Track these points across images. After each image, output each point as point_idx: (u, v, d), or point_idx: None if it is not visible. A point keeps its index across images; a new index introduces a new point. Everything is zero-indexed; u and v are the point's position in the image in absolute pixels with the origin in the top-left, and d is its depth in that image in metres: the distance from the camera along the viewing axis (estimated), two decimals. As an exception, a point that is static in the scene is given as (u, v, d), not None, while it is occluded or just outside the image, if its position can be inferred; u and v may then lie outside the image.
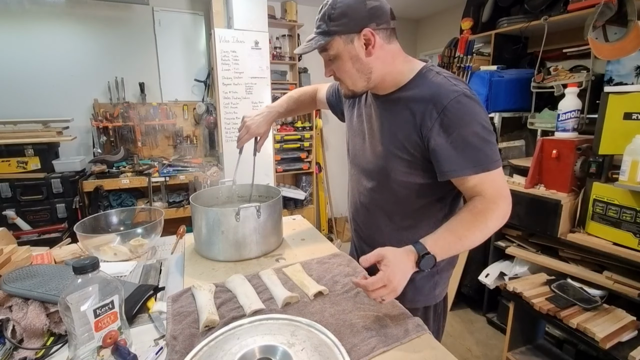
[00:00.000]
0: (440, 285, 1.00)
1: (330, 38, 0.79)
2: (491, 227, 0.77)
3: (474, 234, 0.76)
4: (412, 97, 0.83)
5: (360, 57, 0.81)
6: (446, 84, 0.79)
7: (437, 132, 0.78)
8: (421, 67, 0.86)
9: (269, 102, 2.73)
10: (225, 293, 0.84)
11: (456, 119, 0.76)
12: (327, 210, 3.76)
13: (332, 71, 0.87)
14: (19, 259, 0.92)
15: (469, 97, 0.77)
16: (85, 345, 0.60)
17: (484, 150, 0.77)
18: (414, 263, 0.73)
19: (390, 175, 0.90)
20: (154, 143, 2.97)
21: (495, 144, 0.79)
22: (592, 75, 1.96)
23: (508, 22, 2.32)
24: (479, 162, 0.77)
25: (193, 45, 3.06)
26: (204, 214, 1.03)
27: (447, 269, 1.02)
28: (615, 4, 1.68)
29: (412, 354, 0.65)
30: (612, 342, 1.36)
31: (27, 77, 2.60)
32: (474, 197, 0.80)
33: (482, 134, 0.76)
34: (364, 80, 0.85)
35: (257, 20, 2.57)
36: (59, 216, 2.34)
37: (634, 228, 1.50)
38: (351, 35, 0.79)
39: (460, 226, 0.76)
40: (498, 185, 0.79)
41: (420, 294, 0.97)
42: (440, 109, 0.77)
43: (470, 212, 0.78)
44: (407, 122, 0.83)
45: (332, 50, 0.82)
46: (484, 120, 0.78)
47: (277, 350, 0.62)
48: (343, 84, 0.88)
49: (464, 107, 0.76)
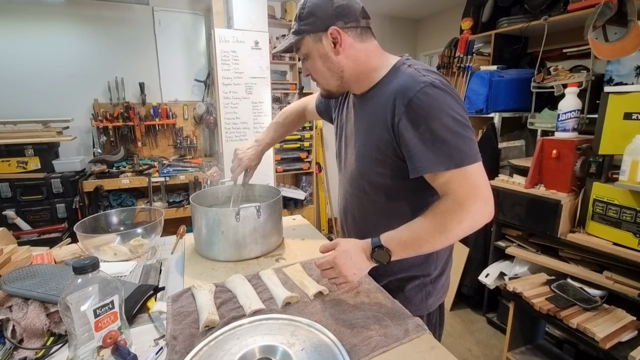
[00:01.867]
0: (433, 295, 0.95)
1: (300, 37, 0.81)
2: (454, 231, 0.71)
3: (432, 236, 0.72)
4: (382, 93, 0.81)
5: (329, 55, 0.81)
6: (415, 75, 0.75)
7: (405, 126, 0.74)
8: (395, 61, 0.83)
9: (269, 102, 2.73)
10: (225, 293, 0.84)
11: (423, 112, 0.71)
12: (327, 210, 3.76)
13: (308, 70, 0.88)
14: (19, 259, 0.92)
15: (437, 87, 0.72)
16: (85, 345, 0.60)
17: (456, 144, 0.70)
18: (369, 254, 0.76)
19: (365, 178, 0.87)
20: (154, 143, 2.97)
21: (470, 138, 0.73)
22: (592, 75, 1.96)
23: (508, 22, 2.32)
24: (449, 158, 0.70)
25: (193, 45, 3.06)
26: (204, 214, 1.03)
27: (440, 278, 0.96)
28: (615, 4, 1.68)
29: (412, 354, 0.65)
30: (612, 342, 1.36)
31: (27, 77, 2.60)
32: (444, 196, 0.74)
33: (453, 126, 0.70)
34: (336, 79, 0.84)
35: (257, 20, 2.57)
36: (59, 216, 2.34)
37: (634, 228, 1.50)
38: (319, 34, 0.79)
39: (419, 227, 0.74)
40: (470, 184, 0.71)
41: (410, 304, 0.89)
42: (407, 102, 0.73)
43: (433, 212, 0.74)
44: (378, 119, 0.81)
45: (303, 49, 0.83)
46: (455, 111, 0.71)
47: (277, 350, 0.62)
48: (318, 83, 0.89)
49: (431, 99, 0.71)
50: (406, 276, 0.93)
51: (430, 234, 0.73)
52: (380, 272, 0.90)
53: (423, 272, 0.92)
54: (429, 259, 0.92)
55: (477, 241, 2.30)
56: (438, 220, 0.72)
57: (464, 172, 0.71)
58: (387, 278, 0.93)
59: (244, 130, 2.67)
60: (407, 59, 0.83)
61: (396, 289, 0.92)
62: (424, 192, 0.82)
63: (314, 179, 3.53)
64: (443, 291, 0.99)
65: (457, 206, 0.71)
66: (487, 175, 0.75)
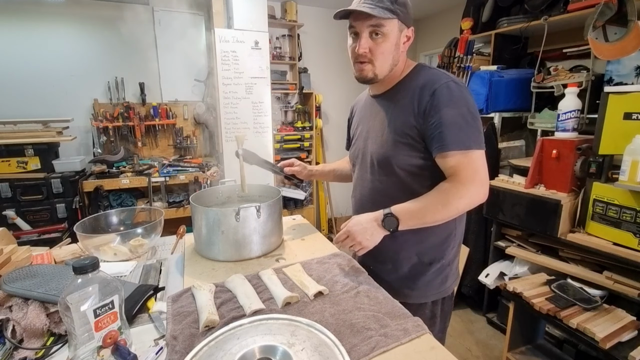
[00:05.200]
0: (450, 277, 1.03)
1: (394, 17, 0.85)
2: (454, 205, 0.85)
3: (436, 207, 0.86)
4: (409, 87, 0.93)
5: (399, 46, 0.91)
6: (438, 74, 0.90)
7: (429, 112, 0.86)
8: (415, 65, 0.97)
9: (268, 102, 2.72)
10: (225, 293, 0.84)
11: (444, 100, 0.85)
12: (327, 210, 3.76)
13: (368, 47, 0.89)
14: (19, 259, 0.92)
15: (457, 84, 0.87)
16: (85, 345, 0.60)
17: (467, 131, 0.84)
18: (380, 222, 0.88)
19: (393, 162, 0.94)
20: (154, 143, 2.97)
21: (479, 130, 0.86)
22: (592, 75, 1.95)
23: (508, 22, 2.32)
24: (460, 140, 0.83)
25: (193, 45, 3.06)
26: (204, 214, 1.03)
27: (453, 263, 1.04)
28: (615, 4, 1.68)
29: (412, 354, 0.65)
30: (612, 342, 1.36)
31: (27, 77, 2.60)
32: (449, 177, 0.87)
33: (467, 116, 0.84)
34: (390, 68, 0.92)
35: (257, 20, 2.57)
36: (59, 216, 2.34)
37: (634, 228, 1.50)
38: (403, 25, 0.89)
39: (425, 199, 0.87)
40: (474, 168, 0.84)
41: (431, 288, 1.00)
42: (432, 92, 0.86)
43: (437, 189, 0.87)
44: (405, 108, 0.91)
45: (386, 27, 0.86)
46: (471, 105, 0.86)
47: (277, 350, 0.62)
48: (370, 65, 0.91)
49: (452, 91, 0.85)
50: (427, 260, 0.99)
51: (434, 205, 0.86)
52: (402, 256, 0.99)
53: (441, 254, 0.99)
54: (446, 241, 0.99)
55: (477, 241, 2.30)
56: (442, 195, 0.86)
57: (469, 156, 0.84)
58: (410, 263, 1.00)
59: (244, 130, 2.67)
60: (424, 63, 0.98)
61: (418, 274, 1.00)
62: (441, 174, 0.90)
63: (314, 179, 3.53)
64: (455, 276, 1.06)
65: (460, 185, 0.84)
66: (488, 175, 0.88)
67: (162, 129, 2.94)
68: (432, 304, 1.02)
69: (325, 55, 3.63)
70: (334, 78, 3.72)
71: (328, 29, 3.58)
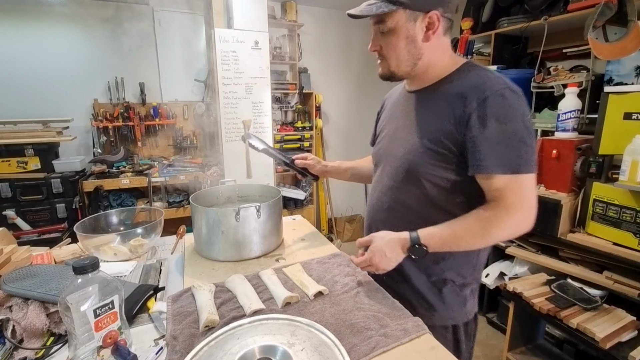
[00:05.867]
0: (470, 300, 0.91)
1: (395, 8, 0.74)
2: (495, 237, 0.74)
3: (473, 238, 0.76)
4: (451, 88, 0.79)
5: (416, 39, 0.77)
6: (490, 77, 0.75)
7: (474, 123, 0.73)
8: (463, 63, 0.82)
9: (269, 102, 2.72)
10: (225, 293, 0.84)
11: (496, 112, 0.72)
12: (327, 210, 3.76)
13: (379, 46, 0.82)
14: (19, 259, 0.92)
15: (514, 92, 0.73)
16: (85, 345, 0.60)
17: (519, 151, 0.71)
18: (406, 249, 0.79)
19: (419, 170, 0.83)
20: (154, 143, 2.97)
21: (533, 148, 0.73)
22: (592, 75, 1.95)
23: (508, 22, 2.32)
24: (509, 162, 0.71)
25: (193, 45, 3.05)
26: (204, 214, 1.03)
27: (474, 282, 0.92)
28: (615, 4, 1.68)
29: (412, 354, 0.65)
30: (612, 342, 1.36)
31: (27, 77, 2.60)
32: (491, 202, 0.75)
33: (521, 133, 0.71)
34: (409, 64, 0.81)
35: (257, 20, 2.57)
36: (59, 216, 2.34)
37: (634, 228, 1.50)
38: (416, 13, 0.75)
39: (462, 227, 0.76)
40: (522, 194, 0.73)
41: (450, 310, 0.89)
42: (481, 99, 0.73)
43: (477, 216, 0.76)
44: (442, 113, 0.79)
45: (390, 22, 0.76)
46: (526, 119, 0.73)
47: (277, 350, 0.62)
48: (385, 62, 0.82)
49: (507, 102, 0.72)
50: (443, 278, 0.88)
51: (471, 235, 0.75)
52: (414, 272, 0.89)
53: (461, 274, 0.88)
54: (469, 262, 0.88)
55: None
56: (482, 224, 0.74)
57: (519, 180, 0.72)
58: (422, 278, 0.89)
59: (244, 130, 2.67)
60: (474, 62, 0.84)
61: (431, 292, 0.89)
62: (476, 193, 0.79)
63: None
64: (476, 297, 0.95)
65: (505, 213, 0.72)
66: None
67: (162, 129, 2.94)
68: (454, 328, 0.91)
69: (325, 55, 3.62)
70: (334, 78, 3.71)
71: (328, 29, 3.58)
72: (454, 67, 0.81)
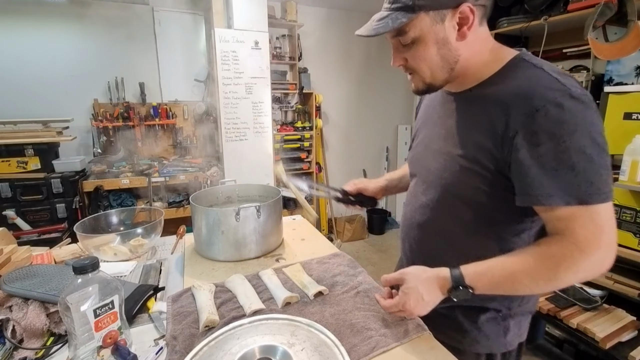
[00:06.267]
0: (512, 330, 0.77)
1: (415, 15, 0.60)
2: (563, 280, 0.59)
3: (535, 281, 0.60)
4: (493, 93, 0.64)
5: (449, 40, 0.63)
6: (545, 79, 0.59)
7: (522, 141, 0.58)
8: (513, 56, 0.66)
9: (268, 102, 2.72)
10: (225, 293, 0.84)
11: (553, 127, 0.56)
12: (327, 210, 3.76)
13: (404, 59, 0.67)
14: (19, 259, 0.92)
15: (576, 99, 0.56)
16: (85, 345, 0.60)
17: (588, 174, 0.55)
18: (446, 290, 0.65)
19: (454, 191, 0.71)
20: (154, 143, 2.97)
21: (607, 168, 0.57)
22: (592, 75, 1.95)
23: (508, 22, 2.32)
24: (574, 190, 0.56)
25: (193, 45, 3.05)
26: (204, 214, 1.03)
27: (524, 313, 0.80)
28: (615, 4, 1.68)
29: (412, 354, 0.65)
30: (612, 342, 1.36)
31: (27, 77, 2.60)
32: (556, 235, 0.60)
33: (589, 151, 0.55)
34: (446, 71, 0.66)
35: (257, 20, 2.57)
36: (59, 216, 2.34)
37: (634, 228, 1.50)
38: (443, 11, 0.61)
39: (519, 267, 0.61)
40: (596, 227, 0.57)
41: (484, 338, 0.76)
42: (531, 111, 0.57)
43: (539, 252, 0.60)
44: (482, 122, 0.65)
45: (412, 32, 0.62)
46: (596, 132, 0.56)
47: (277, 350, 0.62)
48: (417, 75, 0.68)
49: (567, 114, 0.55)
50: (481, 307, 0.75)
51: (532, 278, 0.60)
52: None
53: (503, 305, 0.75)
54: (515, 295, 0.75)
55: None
56: (547, 264, 0.59)
57: (591, 211, 0.56)
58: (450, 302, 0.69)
59: (244, 130, 2.67)
60: (527, 55, 0.65)
61: (464, 318, 0.77)
62: (524, 217, 0.67)
63: (314, 179, 3.53)
64: (524, 328, 0.81)
65: (577, 252, 0.57)
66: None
67: (162, 129, 2.94)
68: (488, 357, 0.79)
69: (325, 55, 3.62)
70: (334, 78, 3.71)
71: (328, 29, 3.58)
72: (499, 63, 0.66)
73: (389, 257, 3.37)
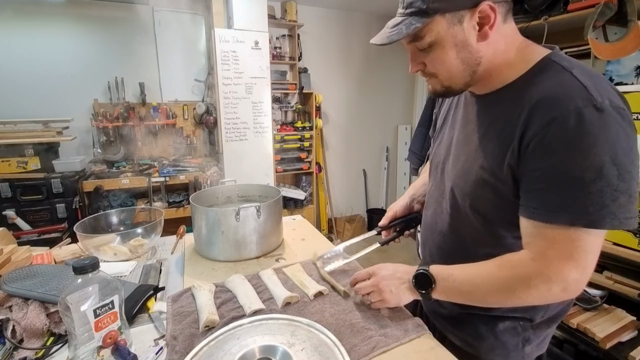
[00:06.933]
0: (533, 342, 0.73)
1: (430, 19, 0.57)
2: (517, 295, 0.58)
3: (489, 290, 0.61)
4: (516, 99, 0.60)
5: (469, 42, 0.59)
6: (571, 85, 0.54)
7: (534, 151, 0.55)
8: (542, 57, 0.60)
9: (268, 102, 2.72)
10: (225, 293, 0.84)
11: (568, 139, 0.52)
12: (327, 210, 3.76)
13: (422, 65, 0.64)
14: (19, 259, 0.92)
15: (603, 112, 0.50)
16: (85, 345, 0.61)
17: (602, 198, 0.50)
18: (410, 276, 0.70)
19: (470, 202, 0.68)
20: (154, 143, 2.97)
21: (630, 195, 0.51)
22: (592, 75, 1.95)
23: (508, 22, 2.32)
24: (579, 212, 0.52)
25: (193, 45, 3.06)
26: (204, 214, 1.03)
27: (547, 325, 0.73)
28: (615, 4, 1.68)
29: (412, 354, 0.65)
30: (612, 342, 1.36)
31: (27, 77, 2.60)
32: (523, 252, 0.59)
33: (608, 172, 0.50)
34: (467, 74, 0.62)
35: (257, 20, 2.57)
36: (59, 216, 2.34)
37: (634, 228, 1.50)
38: (460, 12, 0.57)
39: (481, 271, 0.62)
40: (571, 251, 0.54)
41: (501, 347, 0.73)
42: (549, 120, 0.53)
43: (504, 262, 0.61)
44: (502, 131, 0.61)
45: (429, 36, 0.59)
46: (621, 149, 0.50)
47: (277, 350, 0.62)
48: (435, 79, 0.65)
49: (586, 126, 0.50)
50: (500, 315, 0.72)
51: (488, 287, 0.60)
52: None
53: (524, 315, 0.71)
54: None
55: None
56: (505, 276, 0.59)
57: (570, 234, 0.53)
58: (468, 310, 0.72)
59: (244, 130, 2.67)
60: (559, 56, 0.59)
61: (482, 325, 0.73)
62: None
63: (314, 179, 3.53)
64: (545, 341, 0.76)
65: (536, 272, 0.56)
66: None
67: (162, 129, 2.94)
68: None
69: (325, 55, 3.62)
70: (334, 78, 3.71)
71: (328, 29, 3.58)
72: (526, 65, 0.61)
73: (389, 257, 3.37)
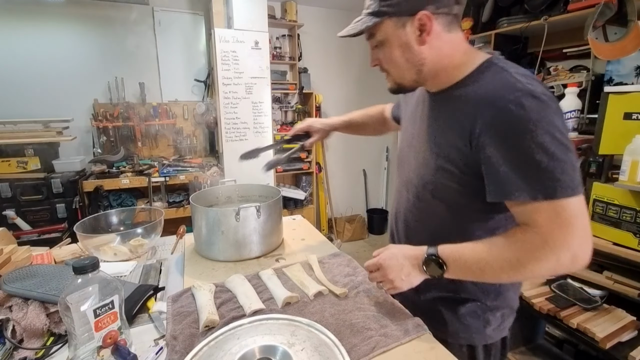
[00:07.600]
0: (492, 323, 0.80)
1: (379, 20, 0.68)
2: (528, 269, 0.61)
3: (501, 267, 0.63)
4: (464, 95, 0.69)
5: (411, 45, 0.69)
6: (509, 80, 0.63)
7: (489, 141, 0.63)
8: (483, 60, 0.70)
9: (269, 102, 2.72)
10: (225, 293, 0.84)
11: (514, 126, 0.60)
12: (327, 210, 3.76)
13: (378, 60, 0.76)
14: (19, 259, 0.92)
15: (536, 98, 0.59)
16: (85, 345, 0.61)
17: (550, 170, 0.58)
18: (420, 262, 0.70)
19: (432, 190, 0.76)
20: (154, 143, 2.97)
21: (571, 163, 0.59)
22: (592, 75, 1.95)
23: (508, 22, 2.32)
24: (538, 185, 0.59)
25: (193, 45, 3.06)
26: (204, 214, 1.03)
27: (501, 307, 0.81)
28: (615, 4, 1.68)
29: (412, 354, 0.65)
30: (612, 342, 1.36)
31: (27, 77, 2.60)
32: (524, 225, 0.63)
33: (550, 147, 0.58)
34: (413, 72, 0.72)
35: (257, 20, 2.57)
36: (59, 216, 2.34)
37: (634, 228, 1.50)
38: (403, 18, 0.67)
39: (488, 251, 0.65)
40: (563, 220, 0.59)
41: (465, 330, 0.80)
42: (495, 111, 0.62)
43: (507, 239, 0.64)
44: (454, 125, 0.70)
45: (379, 34, 0.71)
46: (556, 129, 0.59)
47: (277, 350, 0.62)
48: (390, 75, 0.76)
49: (527, 111, 0.59)
50: (457, 297, 0.80)
51: (499, 263, 0.63)
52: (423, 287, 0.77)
53: (478, 298, 0.79)
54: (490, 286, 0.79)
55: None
56: (512, 250, 0.63)
57: (556, 206, 0.59)
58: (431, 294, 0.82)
59: (244, 130, 2.67)
60: (498, 59, 0.70)
61: (446, 310, 0.82)
62: (496, 214, 0.72)
63: (314, 179, 3.53)
64: (508, 321, 0.84)
65: (541, 242, 0.60)
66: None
67: (162, 129, 2.94)
68: (470, 349, 0.82)
69: (325, 55, 3.63)
70: (334, 78, 3.71)
71: (328, 29, 3.58)
72: (471, 66, 0.70)
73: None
